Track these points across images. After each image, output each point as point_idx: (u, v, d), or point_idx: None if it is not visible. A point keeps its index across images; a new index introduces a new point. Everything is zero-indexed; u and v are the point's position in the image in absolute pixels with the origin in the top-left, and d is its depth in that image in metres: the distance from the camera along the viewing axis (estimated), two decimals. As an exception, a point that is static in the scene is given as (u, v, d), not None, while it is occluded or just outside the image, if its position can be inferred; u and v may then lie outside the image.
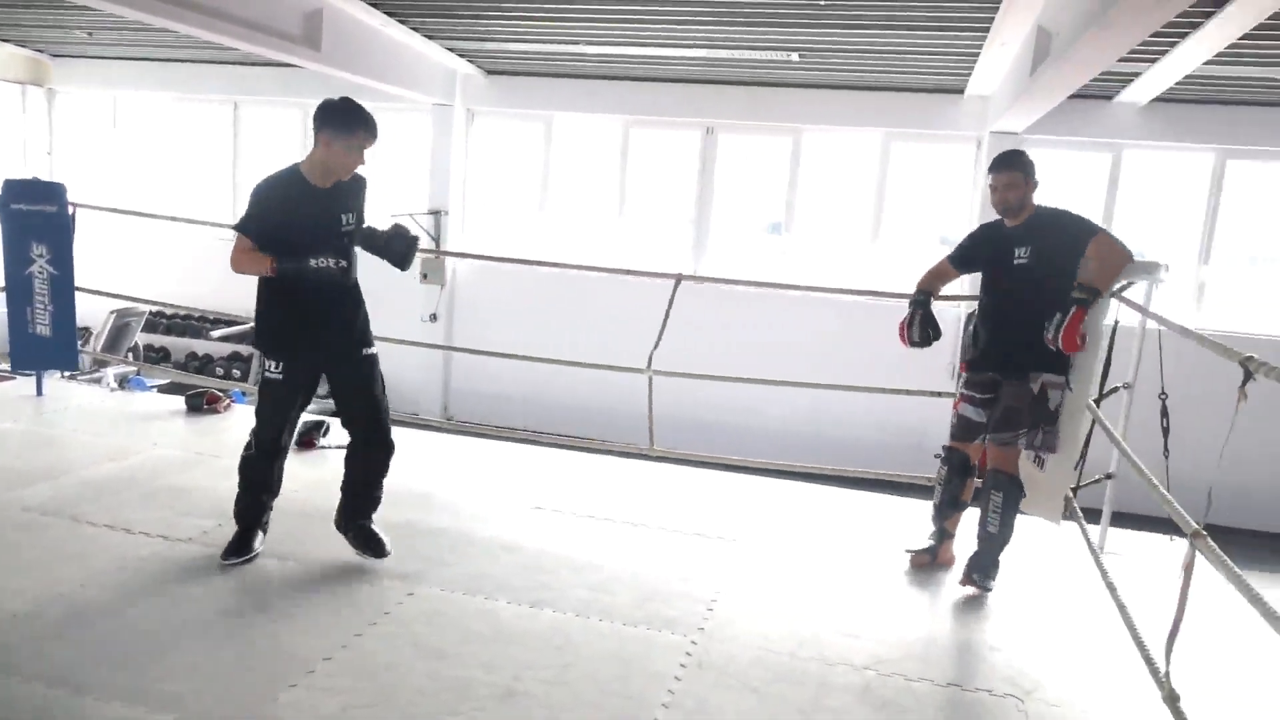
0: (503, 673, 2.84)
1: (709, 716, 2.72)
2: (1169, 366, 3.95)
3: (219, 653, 2.87)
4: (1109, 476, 4.28)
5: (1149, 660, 2.69)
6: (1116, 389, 4.16)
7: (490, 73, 10.00)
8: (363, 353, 3.49)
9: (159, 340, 10.99)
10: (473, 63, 9.68)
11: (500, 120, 10.39)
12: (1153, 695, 2.64)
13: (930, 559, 3.92)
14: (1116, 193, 8.71)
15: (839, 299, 8.99)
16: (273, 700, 2.63)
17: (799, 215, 9.65)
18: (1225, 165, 8.55)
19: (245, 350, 10.63)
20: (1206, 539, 2.33)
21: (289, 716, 2.56)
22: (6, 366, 6.45)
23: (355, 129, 3.23)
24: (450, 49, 9.13)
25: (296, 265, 3.22)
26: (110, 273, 7.44)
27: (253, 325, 3.54)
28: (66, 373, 6.36)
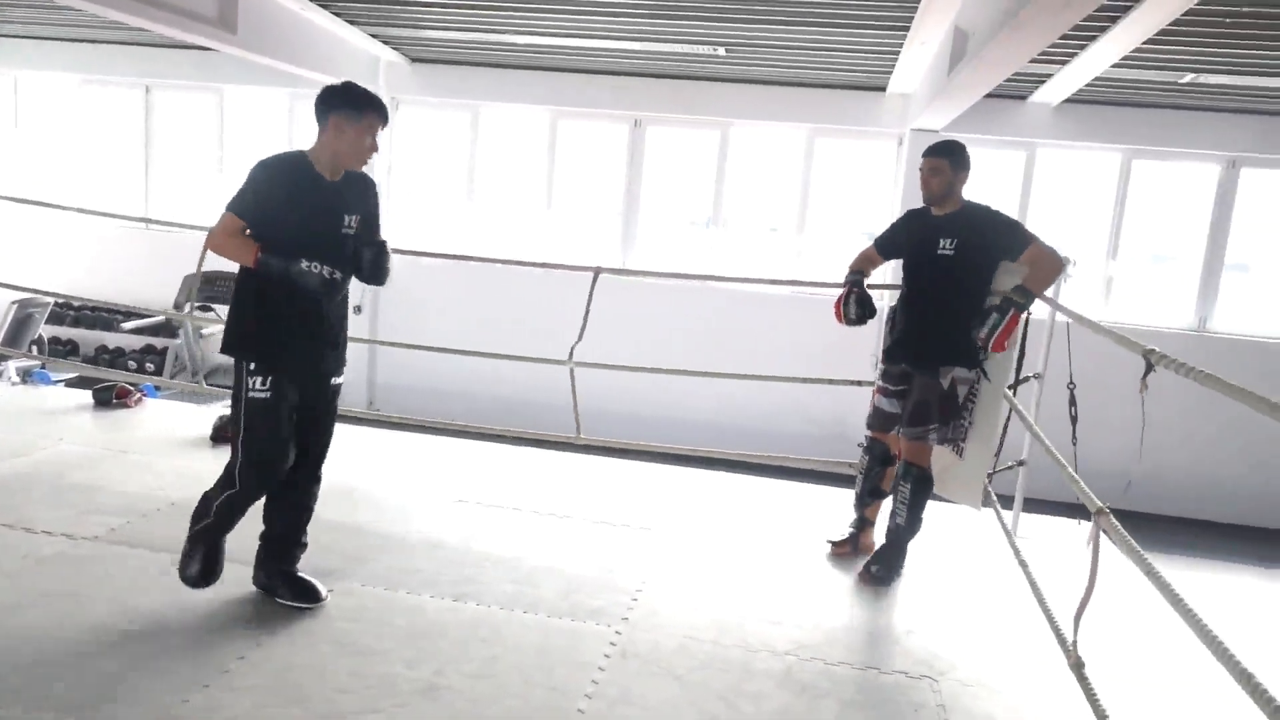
0: (425, 668, 2.81)
1: (632, 705, 2.74)
2: (1078, 357, 4.11)
3: (127, 654, 2.77)
4: (1021, 463, 4.44)
5: (1057, 631, 2.81)
6: (1028, 379, 4.31)
7: (415, 60, 9.83)
8: (335, 381, 3.12)
9: (66, 333, 10.53)
10: (397, 50, 9.50)
11: (426, 109, 10.22)
12: (1061, 667, 2.75)
13: (851, 549, 4.00)
14: (1031, 189, 9.00)
15: (764, 290, 9.11)
16: (183, 702, 2.55)
17: (727, 208, 9.74)
18: (1131, 165, 8.90)
19: (159, 343, 10.27)
20: (1109, 516, 2.43)
21: (198, 719, 2.49)
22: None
23: (365, 110, 2.94)
24: (373, 35, 8.93)
25: (284, 263, 2.82)
26: (10, 263, 7.10)
27: (215, 324, 3.29)
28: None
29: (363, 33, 8.78)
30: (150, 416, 5.36)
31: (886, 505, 3.95)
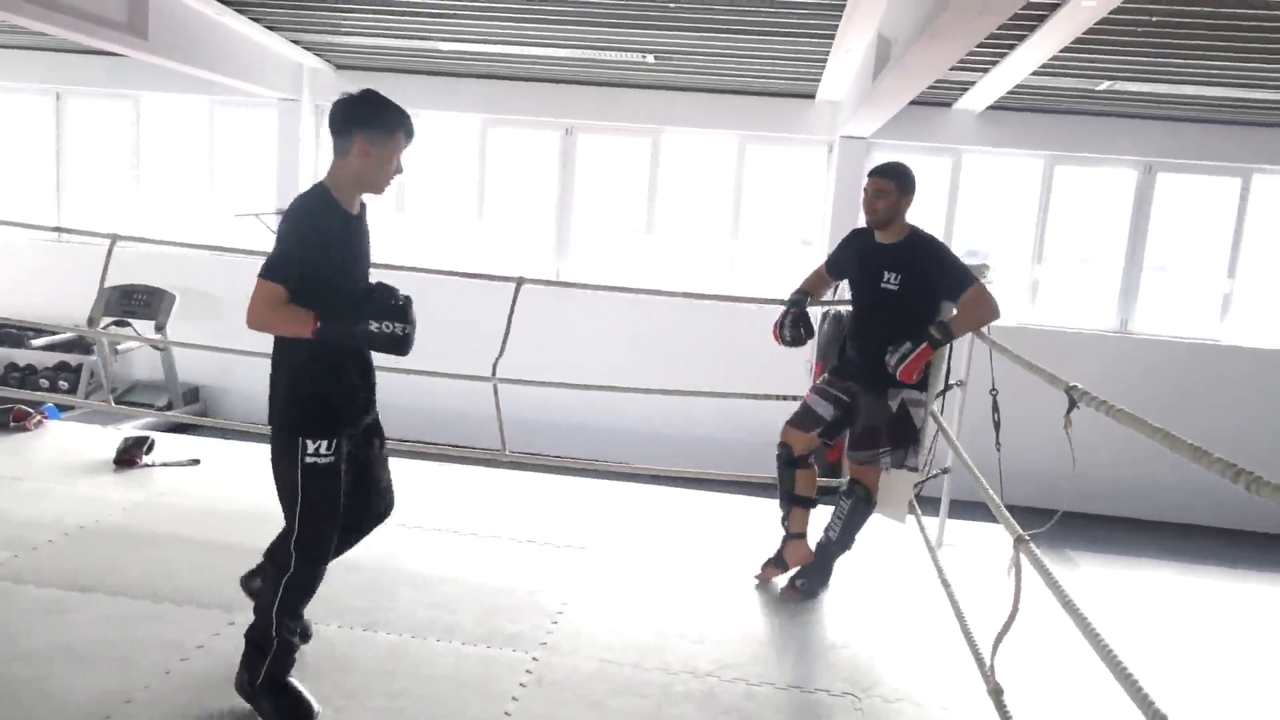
0: (327, 705, 2.67)
1: (547, 736, 2.64)
2: (999, 361, 4.11)
3: (7, 702, 2.59)
4: (945, 471, 4.44)
5: (977, 654, 2.78)
6: (951, 386, 4.32)
7: (340, 67, 9.60)
8: (374, 414, 2.80)
9: (-30, 351, 10.04)
10: (320, 56, 9.26)
11: (352, 117, 9.99)
12: (982, 688, 2.72)
13: (778, 569, 3.84)
14: (957, 194, 9.12)
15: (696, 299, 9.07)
16: (61, 753, 2.38)
17: (661, 216, 9.69)
18: (1053, 170, 9.09)
19: (74, 360, 9.85)
20: (1029, 544, 2.41)
21: (79, 770, 2.33)
22: None
23: (395, 127, 2.56)
24: (295, 41, 8.70)
25: (348, 328, 2.43)
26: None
27: (131, 340, 3.03)
28: None
29: (284, 39, 8.55)
30: (51, 440, 5.10)
31: (814, 516, 3.88)
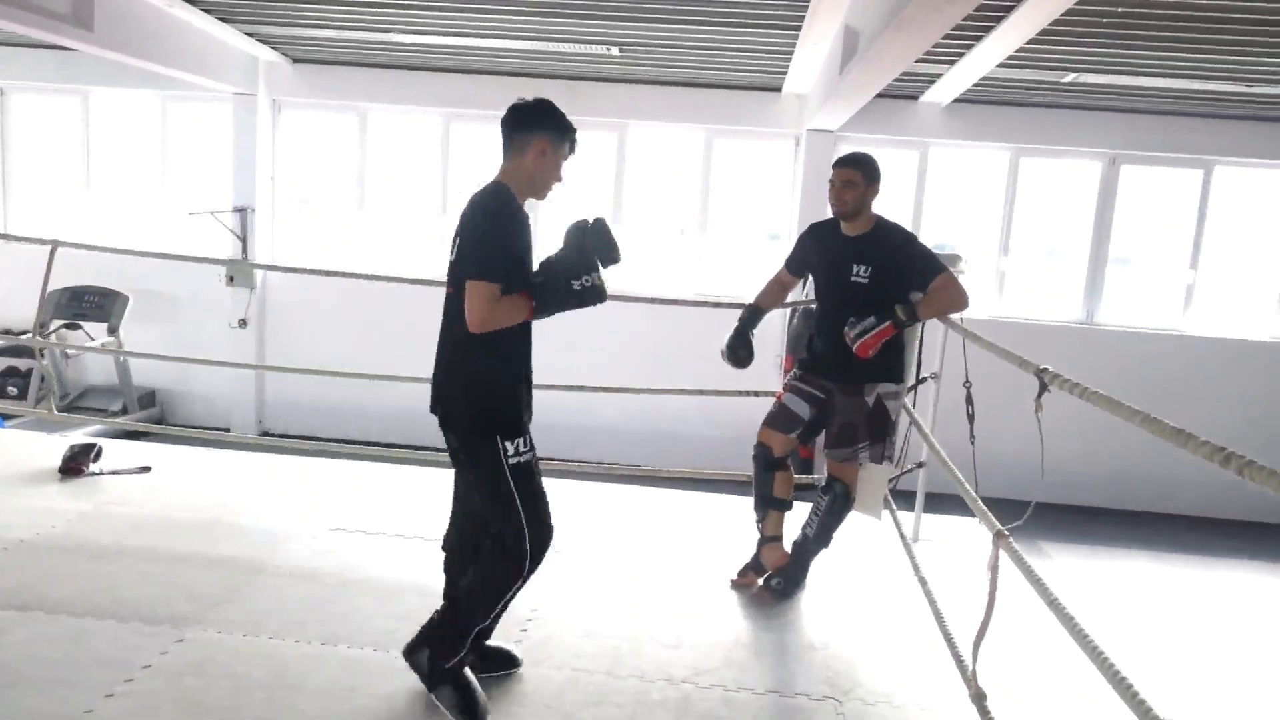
0: (282, 726, 2.53)
1: (515, 753, 2.52)
2: (972, 351, 4.05)
3: (-70, 732, 2.42)
4: (920, 465, 4.38)
5: (958, 659, 2.69)
6: (925, 379, 4.26)
7: (297, 60, 9.37)
8: None
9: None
10: (276, 49, 9.02)
11: (310, 112, 9.75)
12: (962, 687, 2.64)
13: (756, 574, 3.73)
14: (924, 187, 9.11)
15: (664, 294, 8.97)
16: (-9, 786, 2.22)
17: (627, 211, 9.57)
18: (1019, 162, 9.10)
19: (23, 365, 9.52)
20: (1009, 539, 2.33)
21: (11, 805, 2.17)
22: None
23: (569, 134, 2.66)
24: (249, 34, 8.45)
25: (561, 295, 2.55)
26: None
27: (82, 344, 2.94)
28: None
29: (238, 31, 8.31)
30: (-9, 450, 4.88)
31: (789, 518, 3.78)
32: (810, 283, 4.02)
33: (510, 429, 2.58)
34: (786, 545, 3.71)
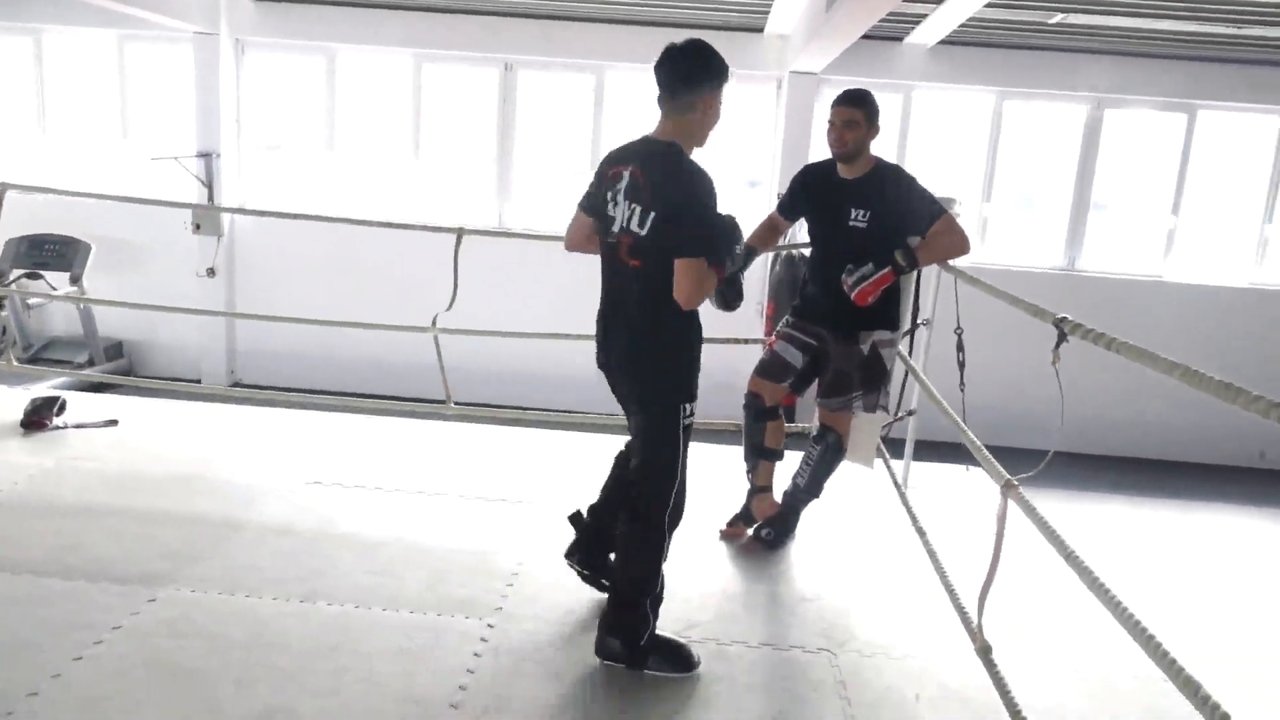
0: (260, 688, 2.43)
1: (506, 713, 2.44)
2: (960, 296, 3.96)
3: (-113, 700, 2.30)
4: (911, 413, 4.31)
5: (962, 611, 2.63)
6: (918, 325, 4.17)
7: (260, -1, 8.99)
8: None
9: None
10: (238, -15, 8.66)
11: (276, 53, 9.37)
12: (966, 638, 2.58)
13: (745, 525, 3.67)
14: (908, 130, 8.95)
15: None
16: (-46, 756, 2.11)
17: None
18: (1003, 106, 8.96)
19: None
20: (1018, 489, 2.26)
21: (-25, 775, 2.07)
22: None
23: (727, 76, 2.61)
24: (209, -32, 8.10)
25: (739, 261, 2.63)
26: None
27: (43, 293, 2.76)
28: None
29: (196, -35, 7.94)
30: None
31: (780, 468, 3.70)
32: (791, 230, 3.90)
33: (692, 394, 2.65)
34: (777, 495, 3.65)
